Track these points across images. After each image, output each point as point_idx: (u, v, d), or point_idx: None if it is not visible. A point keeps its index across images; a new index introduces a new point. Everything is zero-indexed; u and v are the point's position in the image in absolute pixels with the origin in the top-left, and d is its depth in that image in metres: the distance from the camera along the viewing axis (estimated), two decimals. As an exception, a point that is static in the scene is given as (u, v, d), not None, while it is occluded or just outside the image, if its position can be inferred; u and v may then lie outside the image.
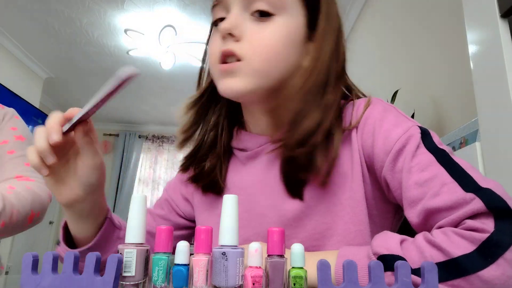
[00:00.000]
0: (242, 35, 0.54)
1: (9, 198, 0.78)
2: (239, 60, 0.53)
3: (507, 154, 0.94)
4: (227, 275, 0.37)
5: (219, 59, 0.55)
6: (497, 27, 0.98)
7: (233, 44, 0.53)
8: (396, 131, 0.51)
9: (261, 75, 0.54)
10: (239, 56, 0.53)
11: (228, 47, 0.53)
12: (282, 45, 0.54)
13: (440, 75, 1.74)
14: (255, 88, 0.54)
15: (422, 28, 1.93)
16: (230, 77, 0.54)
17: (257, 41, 0.53)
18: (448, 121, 1.66)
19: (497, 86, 0.97)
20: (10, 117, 0.93)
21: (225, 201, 0.41)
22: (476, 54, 1.08)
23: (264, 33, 0.54)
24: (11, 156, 0.88)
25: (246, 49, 0.53)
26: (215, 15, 0.58)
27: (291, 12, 0.55)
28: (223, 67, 0.54)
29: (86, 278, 0.36)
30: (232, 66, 0.53)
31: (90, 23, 3.47)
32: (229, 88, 0.54)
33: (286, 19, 0.55)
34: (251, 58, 0.53)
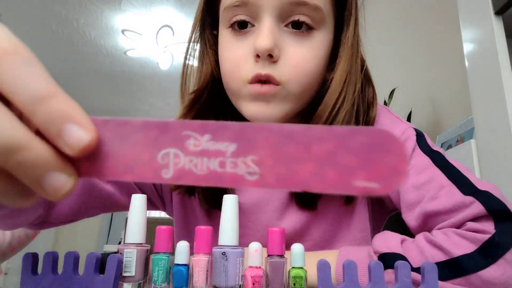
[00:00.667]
0: (280, 54, 0.47)
1: None
2: (276, 84, 0.47)
3: (501, 152, 0.95)
4: (227, 275, 0.37)
5: (250, 79, 0.48)
6: (491, 24, 0.98)
7: (270, 67, 0.47)
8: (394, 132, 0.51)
9: (297, 99, 0.50)
10: (277, 80, 0.47)
11: (266, 71, 0.47)
12: (320, 65, 0.50)
13: (437, 73, 1.75)
14: (289, 112, 0.50)
15: (417, 27, 1.94)
16: (263, 102, 0.48)
17: (297, 64, 0.48)
18: (445, 119, 1.67)
19: (492, 83, 0.98)
20: None
21: (225, 201, 0.41)
22: (471, 52, 1.09)
23: (304, 53, 0.48)
24: None
25: (285, 73, 0.47)
26: (234, 17, 0.49)
27: (327, 27, 0.50)
28: (259, 90, 0.47)
29: (86, 278, 0.37)
30: (269, 91, 0.47)
31: (87, 24, 3.46)
32: (261, 114, 0.48)
33: (324, 36, 0.50)
34: (290, 83, 0.48)
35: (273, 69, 0.47)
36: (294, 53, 0.48)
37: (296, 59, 0.47)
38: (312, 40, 0.48)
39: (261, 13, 0.47)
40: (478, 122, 1.04)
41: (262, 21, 0.47)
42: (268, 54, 0.46)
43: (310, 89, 0.50)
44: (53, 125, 0.20)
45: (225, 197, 0.41)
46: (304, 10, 0.47)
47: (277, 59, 0.47)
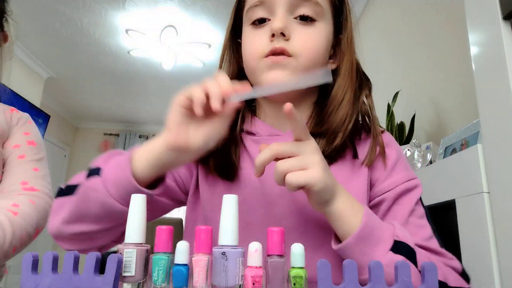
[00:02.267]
0: (291, 35, 0.58)
1: (18, 221, 0.77)
2: (288, 56, 0.57)
3: (508, 156, 0.94)
4: (227, 275, 0.37)
5: (267, 53, 0.58)
6: (499, 28, 0.98)
7: (284, 42, 0.57)
8: (410, 172, 0.62)
9: (306, 71, 0.58)
10: (289, 53, 0.57)
11: (280, 44, 0.57)
12: (323, 48, 0.61)
13: (441, 76, 1.74)
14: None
15: (423, 29, 1.93)
16: (279, 69, 0.58)
17: (305, 42, 0.58)
18: (449, 122, 1.66)
19: (499, 87, 0.97)
20: (24, 122, 0.93)
21: (225, 201, 0.41)
22: (478, 56, 1.08)
23: (310, 34, 0.59)
24: (21, 160, 0.87)
25: (296, 47, 0.57)
26: (255, 15, 0.61)
27: (327, 20, 0.62)
28: (274, 59, 0.57)
29: (86, 278, 0.36)
30: (283, 59, 0.57)
31: (91, 23, 3.47)
32: (278, 78, 0.58)
33: (325, 26, 0.61)
34: (300, 55, 0.58)
35: (286, 44, 0.57)
36: (302, 33, 0.59)
37: (305, 38, 0.58)
38: (315, 27, 0.60)
39: (275, 8, 0.59)
40: (485, 126, 1.04)
41: (276, 12, 0.59)
42: (281, 32, 0.57)
43: (317, 65, 0.60)
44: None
45: (225, 197, 0.41)
46: (307, 4, 0.59)
47: (288, 38, 0.58)
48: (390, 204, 0.59)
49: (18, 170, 0.86)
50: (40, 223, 0.83)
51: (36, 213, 0.82)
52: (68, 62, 4.25)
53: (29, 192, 0.83)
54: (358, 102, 0.63)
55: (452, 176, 1.20)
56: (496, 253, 0.97)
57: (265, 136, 0.64)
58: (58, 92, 5.06)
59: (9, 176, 0.85)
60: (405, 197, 0.59)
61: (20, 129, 0.91)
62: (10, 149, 0.87)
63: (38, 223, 0.83)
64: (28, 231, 0.79)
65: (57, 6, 3.21)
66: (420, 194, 0.61)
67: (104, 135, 6.26)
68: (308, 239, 0.57)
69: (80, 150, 6.19)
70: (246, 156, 0.64)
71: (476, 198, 1.05)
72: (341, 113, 0.60)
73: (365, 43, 1.71)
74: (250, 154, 0.64)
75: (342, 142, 0.59)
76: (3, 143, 0.87)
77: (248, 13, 0.62)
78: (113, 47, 3.90)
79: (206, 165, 0.64)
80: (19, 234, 0.77)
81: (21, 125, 0.92)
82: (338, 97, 0.61)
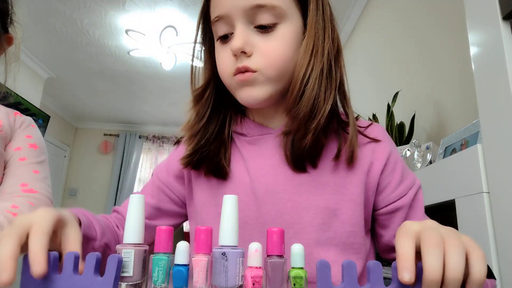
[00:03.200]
0: (252, 50, 0.58)
1: None
2: (253, 71, 0.57)
3: (508, 156, 0.94)
4: (227, 275, 0.37)
5: (233, 72, 0.59)
6: (499, 29, 0.98)
7: (246, 60, 0.58)
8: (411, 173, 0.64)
9: (275, 81, 0.59)
10: (253, 69, 0.57)
11: (242, 63, 0.57)
12: (288, 50, 0.59)
13: (441, 76, 1.74)
14: (273, 93, 0.60)
15: (423, 29, 1.93)
16: (249, 87, 0.59)
17: (267, 53, 0.57)
18: (449, 122, 1.66)
19: (499, 88, 0.97)
20: (27, 125, 0.94)
21: (225, 201, 0.41)
22: (477, 56, 1.08)
23: (272, 44, 0.58)
24: (22, 163, 0.87)
25: (258, 63, 0.57)
26: (218, 32, 0.61)
27: (291, 17, 0.59)
28: (240, 78, 0.58)
29: (86, 278, 0.36)
30: (249, 76, 0.57)
31: (91, 23, 3.47)
32: (250, 96, 0.59)
33: (288, 26, 0.59)
34: (264, 69, 0.57)
35: (248, 61, 0.57)
36: (264, 46, 0.58)
37: (266, 50, 0.57)
38: (277, 33, 0.58)
39: (234, 22, 0.58)
40: (485, 127, 1.04)
41: (235, 27, 0.58)
42: (241, 51, 0.57)
43: (285, 70, 0.59)
44: None
45: (225, 197, 0.41)
46: (263, 11, 0.57)
47: (250, 54, 0.57)
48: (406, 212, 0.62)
49: (18, 172, 0.86)
50: None
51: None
52: (68, 62, 4.25)
53: (28, 194, 0.83)
54: (331, 88, 0.58)
55: (452, 176, 1.20)
56: (496, 253, 0.97)
57: (256, 135, 0.65)
58: (58, 92, 5.06)
59: (9, 178, 0.85)
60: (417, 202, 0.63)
61: (22, 132, 0.92)
62: (11, 152, 0.88)
63: None
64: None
65: (57, 6, 3.21)
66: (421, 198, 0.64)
67: (104, 135, 6.26)
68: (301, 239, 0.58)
69: (80, 150, 6.19)
70: (239, 157, 0.65)
71: (476, 198, 1.05)
72: (307, 95, 0.56)
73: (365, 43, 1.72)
74: (242, 155, 0.65)
75: (315, 139, 0.57)
76: (5, 145, 0.88)
77: (213, 28, 0.62)
78: (113, 47, 3.90)
79: (198, 170, 0.66)
80: None
81: (24, 128, 0.93)
82: (297, 89, 0.56)
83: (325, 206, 0.59)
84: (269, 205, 0.60)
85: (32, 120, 0.97)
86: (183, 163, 0.65)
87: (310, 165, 0.61)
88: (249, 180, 0.62)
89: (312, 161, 0.60)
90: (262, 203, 0.60)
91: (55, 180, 5.61)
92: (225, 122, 0.66)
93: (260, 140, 0.65)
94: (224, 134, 0.65)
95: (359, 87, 2.87)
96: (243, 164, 0.64)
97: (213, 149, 0.63)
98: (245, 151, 0.65)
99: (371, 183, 0.61)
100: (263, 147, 0.64)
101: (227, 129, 0.66)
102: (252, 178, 0.62)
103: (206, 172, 0.65)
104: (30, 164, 0.88)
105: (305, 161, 0.60)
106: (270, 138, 0.64)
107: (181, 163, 0.65)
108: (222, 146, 0.64)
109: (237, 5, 0.57)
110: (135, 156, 6.12)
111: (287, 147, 0.60)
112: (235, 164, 0.65)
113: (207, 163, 0.64)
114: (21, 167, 0.87)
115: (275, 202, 0.60)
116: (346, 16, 3.06)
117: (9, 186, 0.84)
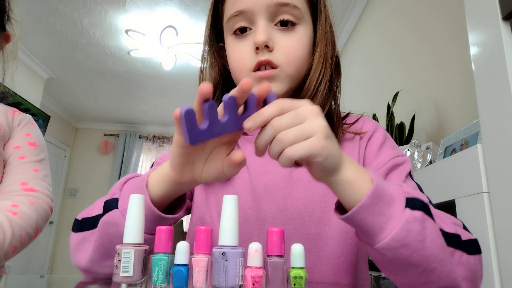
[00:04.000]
0: (274, 45, 0.59)
1: (17, 222, 0.77)
2: (274, 68, 0.59)
3: (508, 156, 0.94)
4: (227, 275, 0.37)
5: (254, 68, 0.59)
6: (499, 29, 0.98)
7: (268, 54, 0.59)
8: (396, 151, 0.63)
9: (293, 78, 0.61)
10: (275, 64, 0.59)
11: (265, 57, 0.58)
12: (305, 51, 0.62)
13: (441, 76, 1.74)
14: (287, 91, 0.62)
15: (423, 29, 1.93)
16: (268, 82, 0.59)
17: (289, 51, 0.60)
18: (449, 122, 1.66)
19: (499, 88, 0.97)
20: (26, 123, 0.93)
21: (225, 201, 0.41)
22: (477, 56, 1.08)
23: (292, 42, 0.60)
24: (21, 161, 0.87)
25: (280, 58, 0.59)
26: (236, 25, 0.61)
27: (306, 21, 0.62)
28: (261, 74, 0.59)
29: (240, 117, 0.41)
30: (270, 73, 0.59)
31: (91, 24, 3.47)
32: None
33: (305, 28, 0.62)
34: (285, 65, 0.59)
35: (271, 56, 0.59)
36: (285, 43, 0.60)
37: (288, 47, 0.60)
38: (296, 32, 0.61)
39: (255, 18, 0.60)
40: (485, 127, 1.04)
41: (257, 23, 0.59)
42: (264, 45, 0.58)
43: (301, 70, 0.62)
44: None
45: (225, 197, 0.41)
46: (286, 9, 0.59)
47: (272, 49, 0.59)
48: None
49: (18, 171, 0.86)
50: (39, 224, 0.83)
51: (36, 213, 0.82)
52: (68, 62, 4.25)
53: (28, 193, 0.83)
54: (332, 93, 0.63)
55: (452, 176, 1.20)
56: (496, 253, 0.97)
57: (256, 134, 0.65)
58: (58, 92, 5.06)
59: (9, 176, 0.85)
60: (394, 172, 0.59)
61: (21, 130, 0.91)
62: (10, 150, 0.88)
63: (38, 224, 0.83)
64: (28, 231, 0.79)
65: (57, 7, 3.21)
66: (409, 169, 0.61)
67: (104, 136, 6.26)
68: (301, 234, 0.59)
69: (80, 150, 6.19)
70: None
71: (476, 198, 1.05)
72: (318, 99, 0.60)
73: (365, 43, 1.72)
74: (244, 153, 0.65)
75: None
76: (4, 144, 0.88)
77: (228, 23, 0.63)
78: (113, 47, 3.90)
79: None
80: (18, 234, 0.76)
81: (23, 127, 0.92)
82: (311, 91, 0.61)
83: (323, 200, 0.60)
84: (268, 202, 0.61)
85: (31, 118, 0.96)
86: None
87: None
88: (249, 177, 0.63)
89: None
90: (262, 200, 0.61)
91: (55, 180, 5.61)
92: None
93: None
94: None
95: (359, 87, 2.87)
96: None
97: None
98: (245, 149, 0.65)
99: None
100: None
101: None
102: (252, 175, 0.63)
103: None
104: (30, 162, 0.88)
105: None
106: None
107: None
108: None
109: (261, 1, 0.58)
110: (135, 156, 6.12)
111: None
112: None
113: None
114: (20, 166, 0.86)
115: (274, 199, 0.61)
116: (346, 16, 3.06)
117: (9, 185, 0.84)
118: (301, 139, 0.40)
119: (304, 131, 0.40)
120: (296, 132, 0.40)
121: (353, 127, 0.66)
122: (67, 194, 5.95)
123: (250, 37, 0.60)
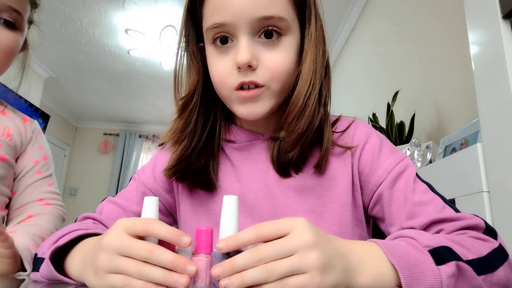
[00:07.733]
0: (258, 63, 0.55)
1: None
2: (260, 87, 0.56)
3: (508, 155, 0.94)
4: (227, 275, 0.37)
5: (236, 87, 0.56)
6: (499, 28, 0.98)
7: (252, 74, 0.55)
8: (396, 156, 0.60)
9: (279, 94, 0.58)
10: (260, 83, 0.55)
11: (248, 78, 0.55)
12: (291, 64, 0.57)
13: (441, 75, 1.74)
14: (274, 107, 0.59)
15: (423, 29, 1.93)
16: (251, 103, 0.56)
17: (274, 67, 0.56)
18: (449, 122, 1.66)
19: (499, 87, 0.97)
20: (36, 134, 0.94)
21: (225, 202, 0.41)
22: (477, 55, 1.08)
23: (277, 58, 0.56)
24: (39, 176, 0.90)
25: (265, 76, 0.55)
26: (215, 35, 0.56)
27: (293, 29, 0.58)
28: (245, 95, 0.56)
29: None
30: (255, 93, 0.56)
31: (91, 23, 3.47)
32: (251, 113, 0.57)
33: (291, 38, 0.57)
34: (270, 83, 0.56)
35: (255, 75, 0.55)
36: (270, 58, 0.56)
37: (272, 63, 0.55)
38: (282, 45, 0.56)
39: (237, 32, 0.55)
40: (485, 126, 1.04)
41: (239, 38, 0.55)
42: (247, 65, 0.54)
43: (288, 83, 0.58)
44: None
45: (225, 197, 0.41)
46: (271, 22, 0.55)
47: (255, 67, 0.55)
48: (389, 194, 0.57)
49: (37, 189, 0.89)
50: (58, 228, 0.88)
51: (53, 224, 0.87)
52: (68, 62, 4.25)
53: (43, 207, 0.88)
54: (321, 106, 0.59)
55: (452, 176, 1.20)
56: (496, 252, 0.97)
57: (245, 142, 0.65)
58: (58, 92, 5.06)
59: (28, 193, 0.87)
60: (400, 182, 0.58)
61: (35, 144, 0.92)
62: (30, 164, 0.89)
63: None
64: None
65: (57, 6, 3.21)
66: (414, 172, 0.59)
67: (104, 135, 6.26)
68: None
69: (80, 150, 6.19)
70: (229, 164, 0.65)
71: (476, 197, 1.05)
72: (302, 123, 0.56)
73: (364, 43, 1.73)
74: (232, 162, 0.65)
75: (300, 152, 0.58)
76: (16, 156, 0.88)
77: (207, 33, 0.57)
78: (112, 47, 3.89)
79: (184, 182, 0.64)
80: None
81: (35, 139, 0.93)
82: (299, 105, 0.56)
83: (311, 209, 0.60)
84: (259, 210, 0.61)
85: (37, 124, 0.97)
86: (167, 174, 0.63)
87: (294, 171, 0.61)
88: (239, 187, 0.62)
89: (296, 168, 0.61)
90: (253, 209, 0.61)
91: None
92: (214, 131, 0.64)
93: (248, 146, 0.65)
94: (214, 145, 0.64)
95: (359, 87, 2.87)
96: (233, 171, 0.64)
97: (202, 163, 0.62)
98: (234, 159, 0.64)
99: (355, 182, 0.61)
100: (252, 152, 0.64)
101: (217, 139, 0.64)
102: (242, 184, 0.62)
103: (194, 186, 0.64)
104: (45, 178, 0.91)
105: (289, 168, 0.61)
106: (258, 143, 0.64)
107: (164, 175, 0.64)
108: (210, 159, 0.63)
109: (243, 15, 0.53)
110: (135, 156, 6.12)
111: (274, 153, 0.61)
112: (224, 173, 0.64)
113: (194, 177, 0.63)
114: (37, 182, 0.89)
115: (265, 206, 0.61)
116: (345, 16, 3.06)
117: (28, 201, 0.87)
118: (292, 273, 0.35)
119: (295, 266, 0.35)
120: (289, 264, 0.35)
121: (344, 135, 0.63)
122: (67, 194, 5.95)
123: (232, 51, 0.56)
